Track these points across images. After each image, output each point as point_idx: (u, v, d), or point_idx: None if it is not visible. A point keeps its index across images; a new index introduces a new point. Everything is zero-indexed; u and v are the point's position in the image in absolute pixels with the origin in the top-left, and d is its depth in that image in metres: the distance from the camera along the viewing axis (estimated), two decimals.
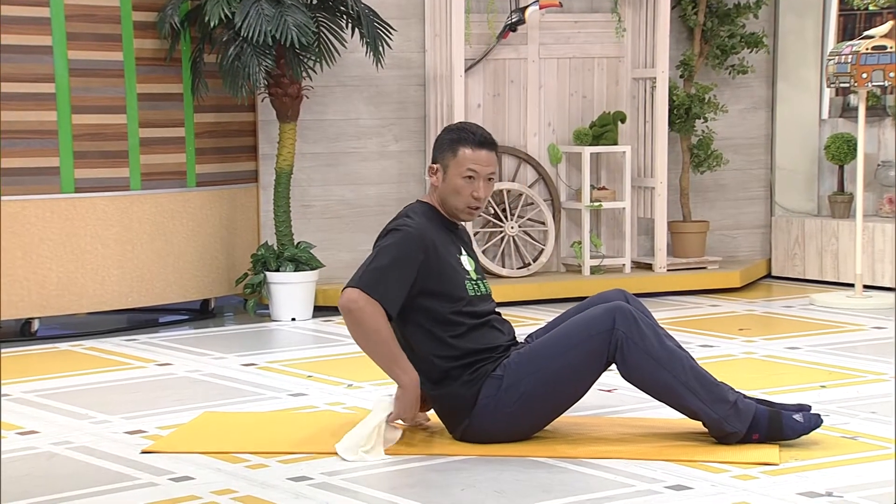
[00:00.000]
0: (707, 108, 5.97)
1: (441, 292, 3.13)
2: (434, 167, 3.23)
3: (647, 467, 3.00)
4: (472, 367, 3.13)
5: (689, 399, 3.08)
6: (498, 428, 3.14)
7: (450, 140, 3.22)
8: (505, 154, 5.82)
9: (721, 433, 3.11)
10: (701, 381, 3.10)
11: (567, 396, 3.15)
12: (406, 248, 3.11)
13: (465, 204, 3.20)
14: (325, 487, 2.88)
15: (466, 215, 3.23)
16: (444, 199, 3.23)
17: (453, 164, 3.19)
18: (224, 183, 5.41)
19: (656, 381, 3.08)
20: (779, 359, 4.33)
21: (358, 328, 3.09)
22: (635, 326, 3.08)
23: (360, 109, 5.66)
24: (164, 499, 2.82)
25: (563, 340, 3.12)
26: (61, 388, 4.03)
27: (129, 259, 5.08)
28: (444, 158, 3.22)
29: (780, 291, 5.93)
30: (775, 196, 6.37)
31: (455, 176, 3.19)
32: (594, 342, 3.08)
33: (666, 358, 3.08)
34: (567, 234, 5.97)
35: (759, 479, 2.91)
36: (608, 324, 3.08)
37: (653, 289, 5.77)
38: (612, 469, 2.99)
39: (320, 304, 5.41)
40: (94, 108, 4.99)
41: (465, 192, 3.19)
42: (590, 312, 3.15)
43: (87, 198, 4.97)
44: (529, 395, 3.10)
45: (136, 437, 3.39)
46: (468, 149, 3.19)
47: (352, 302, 3.07)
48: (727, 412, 3.08)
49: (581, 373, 3.11)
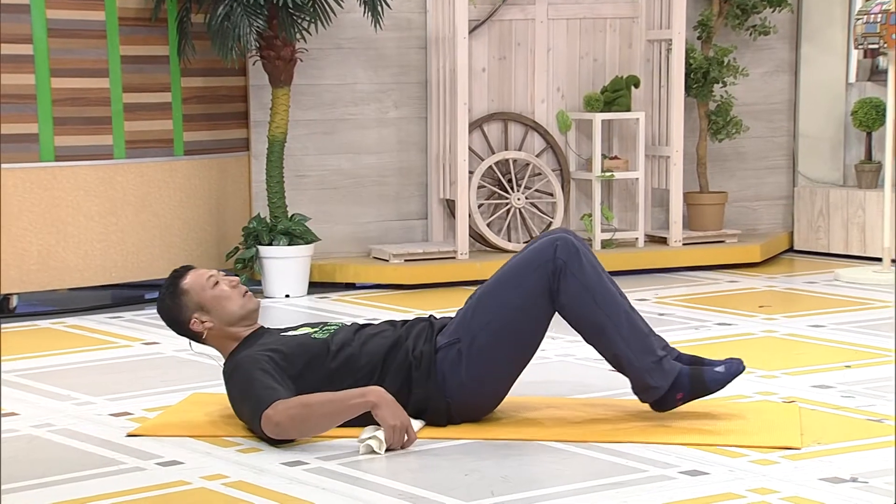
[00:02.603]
0: (726, 71, 5.96)
1: (303, 365, 3.13)
2: (195, 321, 3.23)
3: (661, 451, 3.02)
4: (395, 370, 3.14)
5: (619, 344, 3.12)
6: (478, 393, 3.16)
7: (171, 297, 3.24)
8: (511, 121, 5.82)
9: (642, 385, 3.15)
10: (633, 328, 3.14)
11: (528, 338, 3.17)
12: (251, 366, 3.11)
13: (238, 295, 3.24)
14: (321, 473, 2.90)
15: (249, 301, 3.25)
16: (226, 320, 3.23)
17: (197, 295, 3.22)
18: (213, 151, 5.41)
19: (589, 318, 3.12)
20: (801, 338, 4.34)
21: (299, 426, 3.03)
22: (576, 257, 3.12)
23: (358, 74, 5.65)
24: (152, 484, 2.83)
25: (506, 282, 3.16)
26: (42, 367, 4.04)
27: (113, 232, 5.08)
28: (189, 307, 3.23)
29: (803, 266, 5.93)
30: (798, 165, 6.36)
31: (208, 297, 3.22)
32: (537, 275, 3.12)
33: (603, 296, 3.12)
34: (577, 206, 5.97)
35: (780, 463, 2.92)
36: (549, 254, 3.12)
37: (667, 264, 5.78)
38: (623, 453, 3.00)
39: (315, 280, 5.42)
40: (74, 71, 4.98)
41: (227, 290, 3.23)
42: (532, 247, 3.19)
43: (68, 167, 4.97)
44: (491, 347, 3.13)
45: (121, 419, 3.40)
46: (185, 279, 3.25)
47: (270, 426, 3.02)
48: (651, 365, 3.13)
49: (532, 312, 3.13)
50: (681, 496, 2.70)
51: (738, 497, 2.69)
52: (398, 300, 5.16)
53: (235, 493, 2.76)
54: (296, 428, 3.04)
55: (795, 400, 3.50)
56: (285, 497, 2.73)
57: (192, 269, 3.30)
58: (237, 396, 3.15)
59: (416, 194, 5.78)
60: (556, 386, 3.51)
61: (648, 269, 5.71)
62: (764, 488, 2.75)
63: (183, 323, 3.25)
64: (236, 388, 3.15)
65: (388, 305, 4.99)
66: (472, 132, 5.75)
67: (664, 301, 5.06)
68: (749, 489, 2.74)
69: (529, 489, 2.76)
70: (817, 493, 2.71)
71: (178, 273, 3.30)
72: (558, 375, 3.32)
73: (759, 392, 3.57)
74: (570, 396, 3.54)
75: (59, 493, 2.77)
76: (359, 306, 5.02)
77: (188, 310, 3.24)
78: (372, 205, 5.72)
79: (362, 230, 5.71)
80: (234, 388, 3.16)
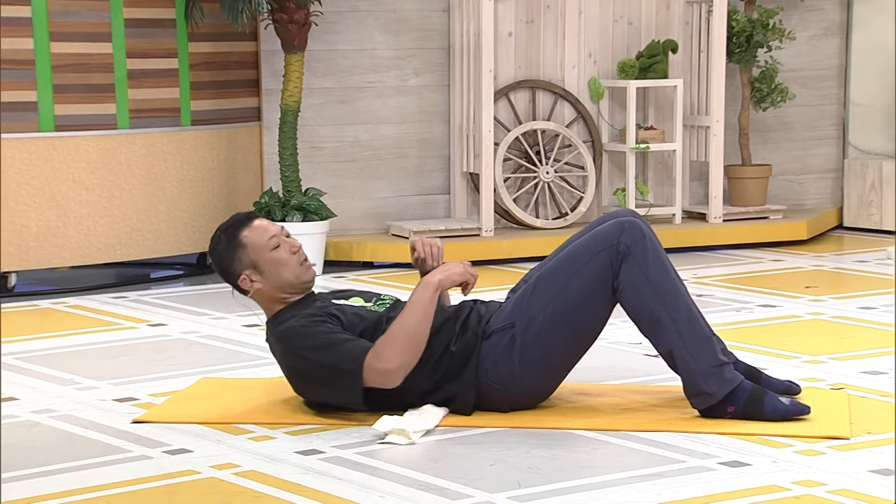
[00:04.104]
0: (771, 34, 5.92)
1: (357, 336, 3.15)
2: (244, 278, 3.24)
3: (700, 441, 3.01)
4: (445, 359, 3.16)
5: (675, 341, 3.10)
6: (531, 381, 3.17)
7: (227, 245, 3.24)
8: (539, 90, 5.80)
9: (695, 390, 3.13)
10: (694, 326, 3.12)
11: (587, 326, 3.18)
12: (315, 327, 3.14)
13: (295, 264, 3.25)
14: (337, 462, 2.91)
15: (306, 272, 3.26)
16: (277, 285, 3.24)
17: (254, 253, 3.22)
18: (223, 121, 5.42)
19: (646, 308, 3.11)
20: (850, 320, 4.32)
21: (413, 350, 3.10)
22: (641, 243, 3.12)
23: (376, 38, 5.64)
24: (158, 473, 2.85)
25: (567, 265, 3.17)
26: (42, 350, 4.07)
27: (117, 207, 5.10)
28: (243, 262, 3.23)
29: (853, 244, 5.91)
30: (849, 136, 6.32)
31: (266, 259, 3.22)
32: (601, 259, 3.12)
33: (664, 286, 3.11)
34: (609, 180, 5.95)
35: (827, 454, 2.91)
36: (615, 237, 3.12)
37: (707, 241, 5.76)
38: (659, 443, 3.00)
39: (331, 259, 5.43)
40: (75, 35, 4.99)
41: (285, 257, 3.24)
42: (598, 229, 3.19)
43: (68, 137, 4.99)
44: (548, 334, 3.14)
45: (126, 405, 3.42)
46: (246, 230, 3.24)
47: (380, 374, 3.08)
48: (710, 369, 3.11)
49: (594, 297, 3.14)
50: (721, 488, 2.70)
51: (782, 490, 2.69)
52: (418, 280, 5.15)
53: (247, 483, 2.78)
54: (411, 352, 3.07)
55: (844, 387, 3.49)
56: (299, 487, 2.74)
57: (256, 220, 3.28)
58: (308, 359, 3.12)
59: (437, 167, 5.77)
60: (587, 372, 3.51)
61: (686, 248, 5.70)
62: (810, 480, 2.74)
63: (232, 274, 3.25)
64: (311, 342, 3.11)
65: (408, 285, 4.99)
66: (498, 101, 5.73)
67: (703, 282, 5.05)
68: (794, 481, 2.74)
69: (558, 481, 2.76)
70: (867, 485, 2.70)
71: (240, 220, 3.27)
72: (589, 360, 3.32)
73: (805, 378, 3.56)
74: (601, 382, 3.55)
75: (61, 482, 2.79)
76: (377, 286, 5.03)
77: (241, 264, 3.24)
78: (391, 179, 5.72)
79: (381, 206, 5.72)
80: (306, 341, 3.12)
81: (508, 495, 2.67)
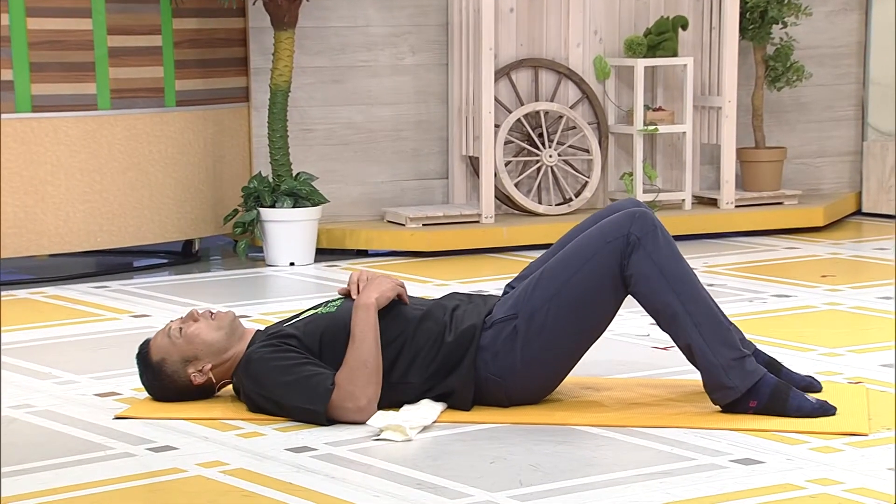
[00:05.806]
0: (786, 10, 5.92)
1: (319, 342, 3.18)
2: (195, 376, 3.25)
3: (711, 437, 3.02)
4: (427, 344, 3.18)
5: (692, 334, 3.11)
6: (532, 375, 3.18)
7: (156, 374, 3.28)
8: (542, 69, 5.80)
9: (716, 384, 3.13)
10: (712, 318, 3.13)
11: (593, 320, 3.19)
12: (273, 356, 3.16)
13: (207, 325, 3.26)
14: (330, 460, 2.92)
15: (222, 317, 3.28)
16: (213, 351, 3.26)
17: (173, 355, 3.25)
18: (209, 102, 5.42)
19: (660, 301, 3.12)
20: (869, 311, 4.33)
21: (373, 383, 3.14)
22: (653, 234, 3.13)
23: (371, 15, 5.64)
24: (142, 472, 2.86)
25: (574, 256, 3.18)
26: (20, 342, 4.08)
27: (98, 192, 5.11)
28: (177, 369, 3.26)
29: (872, 231, 5.91)
30: (868, 117, 6.32)
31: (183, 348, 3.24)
32: (609, 250, 3.14)
33: (677, 277, 3.12)
34: (616, 163, 5.96)
35: (844, 451, 2.92)
36: (625, 228, 3.14)
37: (718, 228, 5.77)
38: (667, 440, 3.01)
39: (323, 247, 5.43)
40: (53, 10, 4.99)
41: (192, 329, 3.25)
42: (607, 220, 3.20)
43: (46, 118, 4.99)
44: (552, 326, 3.15)
45: (107, 400, 3.43)
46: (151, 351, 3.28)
47: (350, 411, 3.12)
48: (730, 362, 3.11)
49: (601, 290, 3.15)
50: (732, 487, 2.71)
51: (797, 488, 2.70)
52: (415, 269, 5.17)
53: (235, 482, 2.79)
54: (375, 382, 3.11)
55: (862, 381, 3.50)
56: (290, 486, 2.75)
57: (149, 339, 3.32)
58: (271, 389, 3.15)
59: (435, 151, 5.78)
60: (592, 365, 3.52)
61: (697, 235, 5.71)
62: (826, 479, 2.75)
63: (187, 385, 3.27)
64: (265, 383, 3.15)
65: (404, 275, 5.00)
66: (499, 81, 5.73)
67: (714, 270, 5.05)
68: (809, 479, 2.75)
69: (562, 479, 2.77)
70: (887, 484, 2.71)
71: (142, 352, 3.31)
72: (595, 353, 3.33)
73: (821, 372, 3.57)
74: (607, 376, 3.55)
75: (40, 480, 2.80)
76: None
77: (178, 372, 3.26)
78: (386, 162, 5.72)
79: (375, 191, 5.72)
80: (260, 383, 3.16)
81: (509, 494, 2.68)
